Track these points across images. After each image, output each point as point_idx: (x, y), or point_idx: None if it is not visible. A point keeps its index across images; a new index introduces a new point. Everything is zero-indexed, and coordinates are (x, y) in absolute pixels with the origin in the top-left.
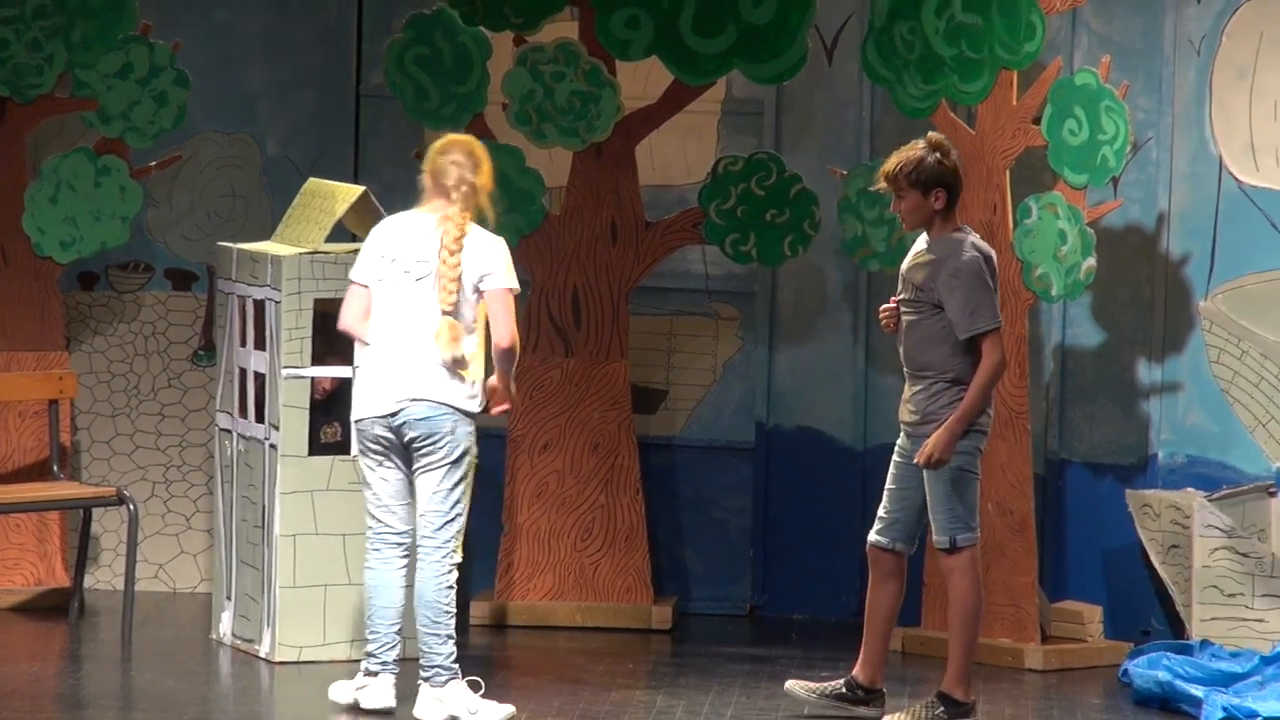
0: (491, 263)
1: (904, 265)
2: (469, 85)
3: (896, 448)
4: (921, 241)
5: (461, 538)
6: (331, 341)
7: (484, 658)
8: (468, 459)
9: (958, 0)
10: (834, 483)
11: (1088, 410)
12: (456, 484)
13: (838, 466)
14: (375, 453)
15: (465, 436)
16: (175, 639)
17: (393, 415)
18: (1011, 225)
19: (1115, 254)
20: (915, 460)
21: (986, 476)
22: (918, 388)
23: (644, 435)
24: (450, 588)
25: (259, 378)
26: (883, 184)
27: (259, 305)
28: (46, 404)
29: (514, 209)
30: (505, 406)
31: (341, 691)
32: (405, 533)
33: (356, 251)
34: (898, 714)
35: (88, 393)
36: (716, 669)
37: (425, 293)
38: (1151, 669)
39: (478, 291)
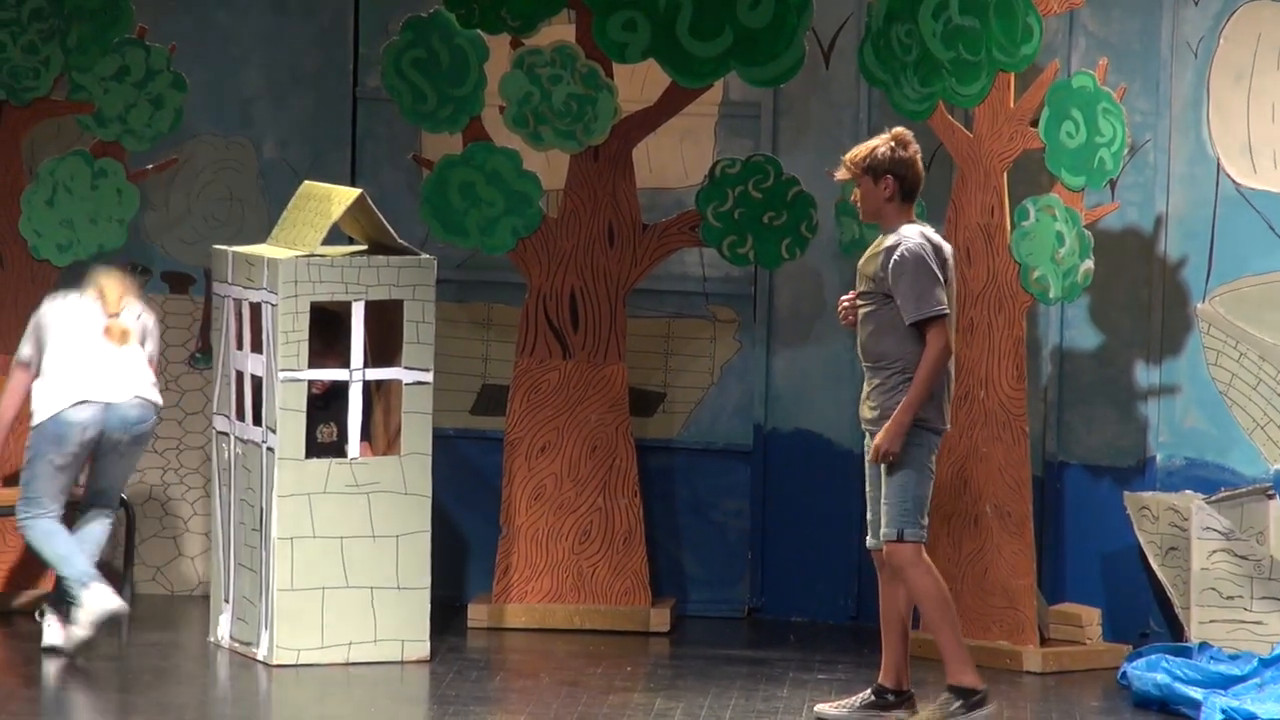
0: None
1: (861, 260)
2: (466, 88)
3: (866, 446)
4: (879, 235)
5: None
6: (329, 342)
7: (482, 660)
8: None
9: (955, 3)
10: (832, 485)
11: (1086, 412)
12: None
13: (835, 469)
14: None
15: None
16: (173, 642)
17: None
18: (1009, 227)
19: (1113, 256)
20: (868, 458)
21: (984, 478)
22: (876, 381)
23: (642, 438)
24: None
25: (256, 380)
26: (843, 171)
27: (255, 308)
28: None
29: (511, 211)
30: None
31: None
32: None
33: (354, 254)
34: (916, 716)
35: None
36: (714, 671)
37: None
38: (1150, 671)
39: None
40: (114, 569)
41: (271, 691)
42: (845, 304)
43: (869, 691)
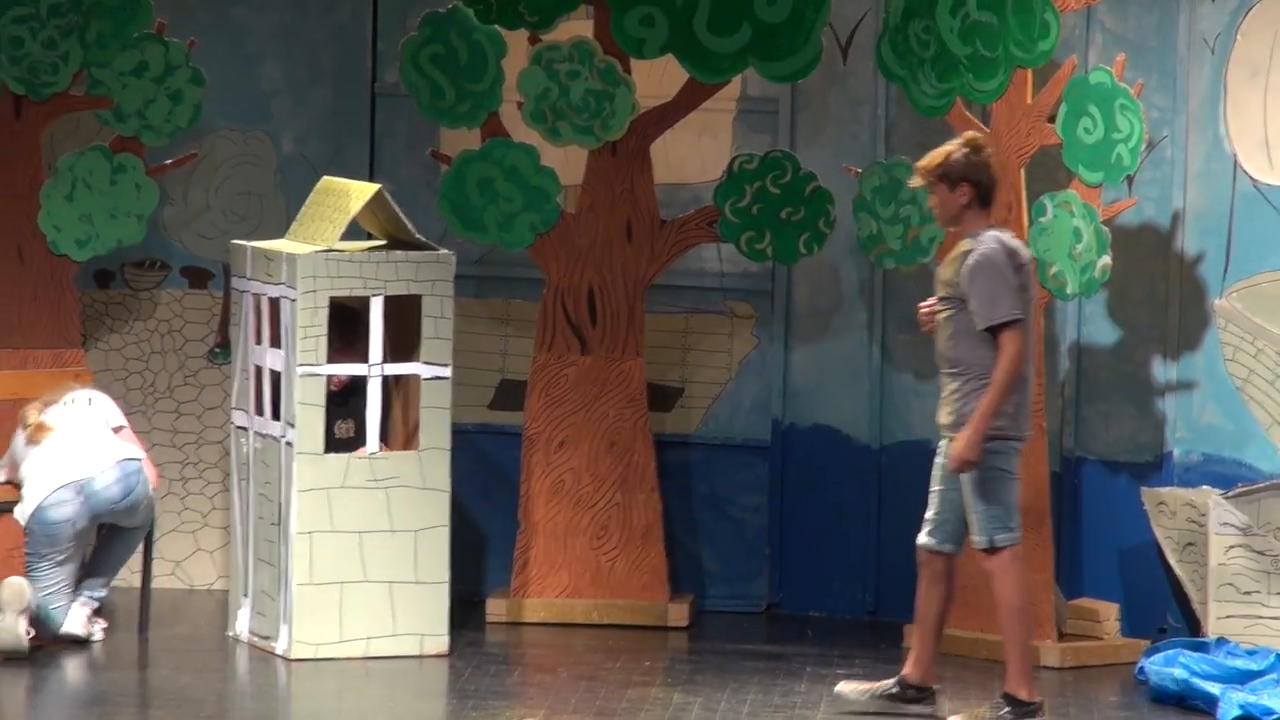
0: None
1: (939, 265)
2: (484, 83)
3: (939, 448)
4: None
5: None
6: (350, 340)
7: (500, 655)
8: None
9: None
10: (850, 480)
11: (1103, 408)
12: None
13: (853, 464)
14: None
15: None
16: (192, 636)
17: None
18: (1027, 223)
19: (1130, 252)
20: (947, 468)
21: None
22: (953, 386)
23: (660, 433)
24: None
25: (275, 375)
26: (918, 179)
27: (274, 303)
28: None
29: (529, 207)
30: None
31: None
32: None
33: (373, 250)
34: (961, 714)
35: (104, 390)
36: (733, 666)
37: None
38: (1168, 666)
39: None
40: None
41: (290, 686)
42: (924, 310)
43: (892, 682)
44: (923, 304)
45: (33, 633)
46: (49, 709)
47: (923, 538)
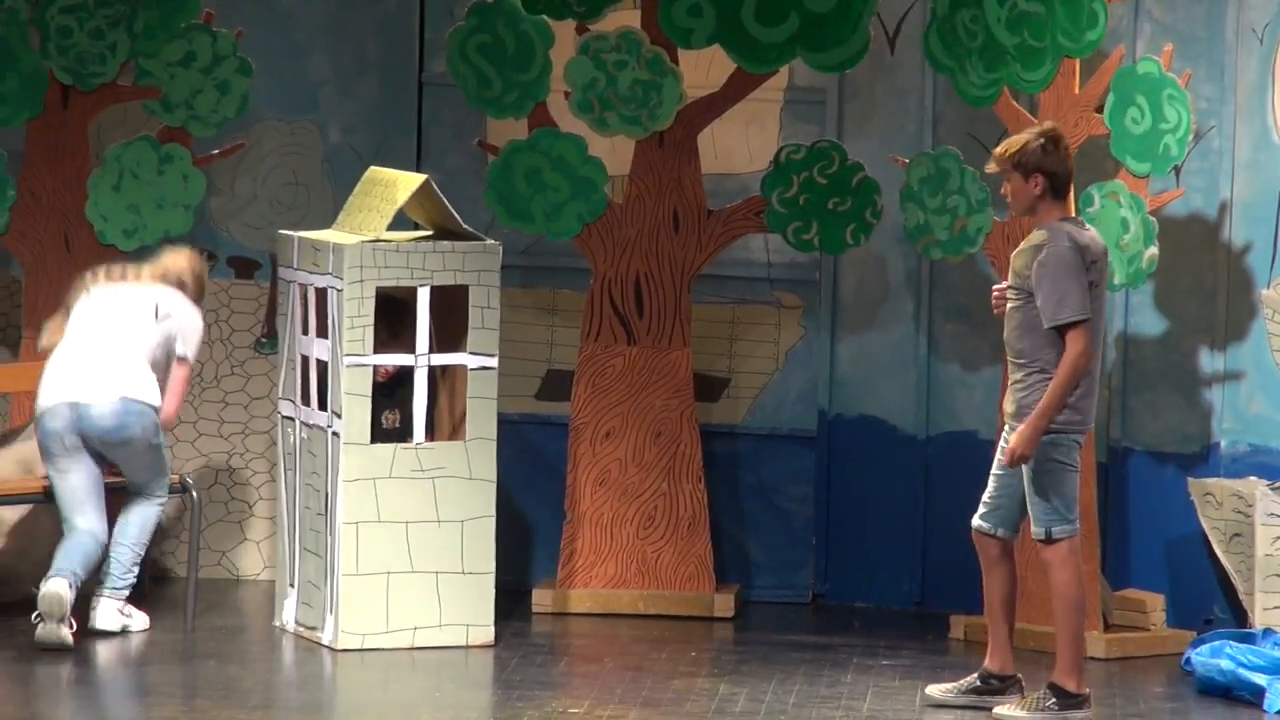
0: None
1: (1014, 251)
2: (531, 73)
3: (1004, 434)
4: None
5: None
6: (396, 332)
7: (546, 645)
8: None
9: None
10: (896, 471)
11: (1150, 399)
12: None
13: (900, 455)
14: None
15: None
16: (238, 626)
17: None
18: (1074, 214)
19: (1177, 242)
20: (1002, 460)
21: None
22: (1017, 377)
23: (706, 423)
24: (154, 522)
25: (321, 365)
26: (993, 165)
27: (321, 293)
28: None
29: (576, 197)
30: None
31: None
32: None
33: (419, 240)
34: (1009, 705)
35: None
36: (779, 657)
37: None
38: (1214, 658)
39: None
40: (160, 564)
41: (336, 676)
42: (996, 293)
43: (975, 676)
44: (996, 287)
45: (74, 626)
46: (95, 701)
47: (977, 520)
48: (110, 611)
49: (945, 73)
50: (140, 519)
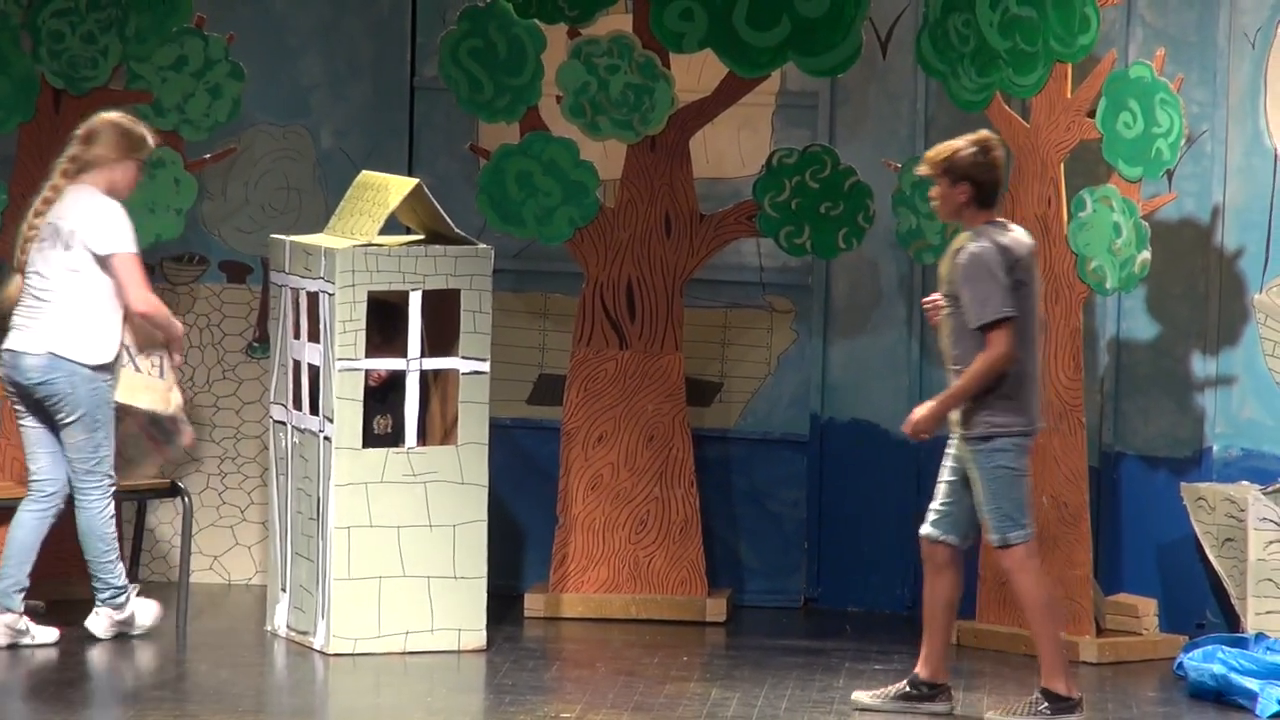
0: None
1: (940, 262)
2: (523, 78)
3: (950, 442)
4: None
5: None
6: (389, 337)
7: (538, 650)
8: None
9: None
10: (888, 475)
11: (1142, 403)
12: (92, 433)
13: (892, 459)
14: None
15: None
16: (230, 631)
17: None
18: (1066, 218)
19: (1169, 247)
20: (903, 427)
21: (1041, 469)
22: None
23: (698, 428)
24: (111, 517)
25: (313, 370)
26: (924, 168)
27: (313, 297)
28: None
29: (568, 201)
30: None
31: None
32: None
33: (411, 244)
34: (1000, 710)
35: None
36: (771, 661)
37: None
38: (1206, 662)
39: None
40: (169, 560)
41: (328, 680)
42: (928, 304)
43: (904, 683)
44: (926, 298)
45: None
46: (87, 703)
47: (925, 527)
48: (103, 621)
49: (937, 77)
50: (91, 529)
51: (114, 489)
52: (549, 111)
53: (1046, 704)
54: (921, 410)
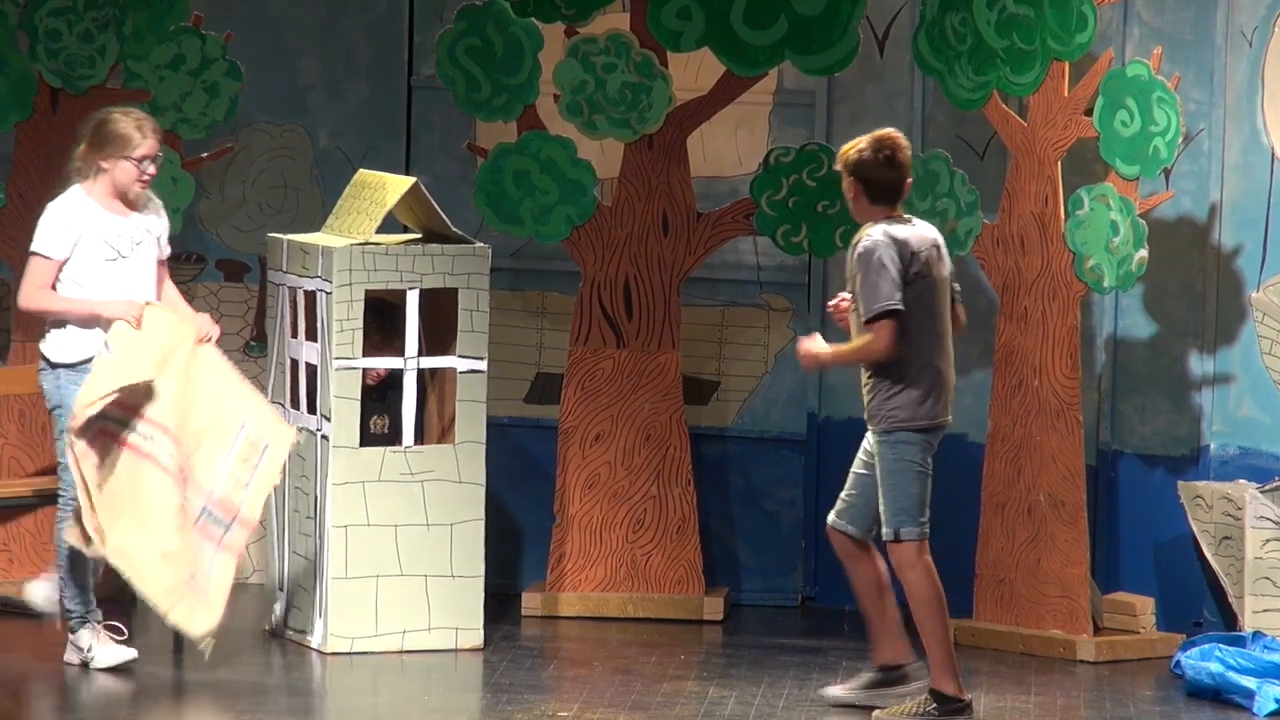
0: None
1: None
2: (520, 76)
3: (867, 436)
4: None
5: (72, 487)
6: (389, 336)
7: (535, 648)
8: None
9: None
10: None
11: (1139, 402)
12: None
13: None
14: None
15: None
16: (227, 629)
17: None
18: (1063, 216)
19: (1167, 245)
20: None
21: (1038, 467)
22: (866, 381)
23: (695, 426)
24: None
25: (310, 369)
26: (837, 164)
27: (310, 296)
28: None
29: (565, 200)
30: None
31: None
32: None
33: (409, 243)
34: (889, 709)
35: None
36: (768, 660)
37: None
38: (1204, 661)
39: None
40: None
41: (325, 679)
42: (831, 306)
43: (868, 672)
44: (830, 301)
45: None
46: (85, 702)
47: (831, 516)
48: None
49: (934, 76)
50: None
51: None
52: (546, 110)
53: (935, 705)
54: (816, 346)
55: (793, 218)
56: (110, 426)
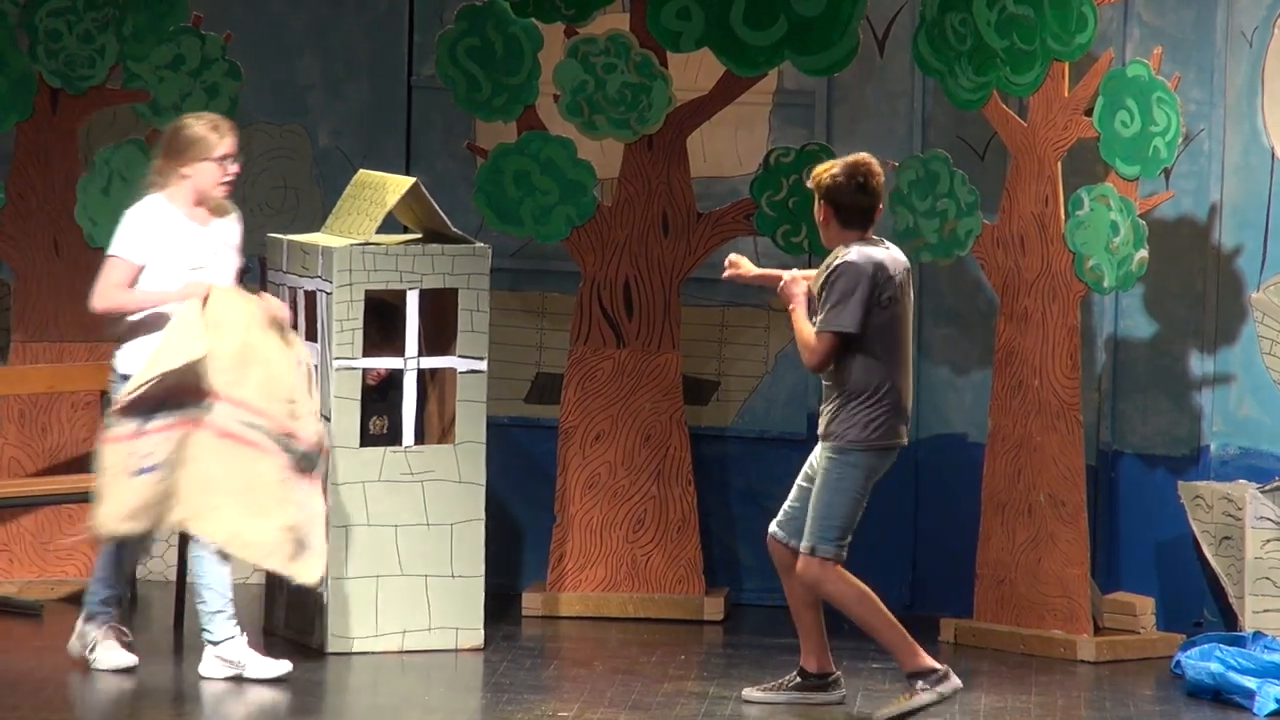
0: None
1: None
2: (520, 76)
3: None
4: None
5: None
6: (389, 336)
7: (536, 648)
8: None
9: None
10: (886, 475)
11: (1140, 402)
12: None
13: None
14: None
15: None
16: None
17: None
18: (1063, 217)
19: (1167, 246)
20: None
21: (1038, 467)
22: (828, 397)
23: (696, 426)
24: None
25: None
26: (810, 182)
27: (310, 296)
28: (99, 395)
29: (565, 200)
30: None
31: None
32: None
33: (409, 243)
34: (886, 708)
35: None
36: (769, 660)
37: None
38: (1204, 660)
39: None
40: (166, 559)
41: (325, 679)
42: (728, 267)
43: (795, 674)
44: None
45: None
46: (85, 701)
47: (773, 526)
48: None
49: (934, 76)
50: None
51: None
52: (546, 110)
53: (921, 682)
54: (746, 264)
55: (792, 218)
56: (194, 414)
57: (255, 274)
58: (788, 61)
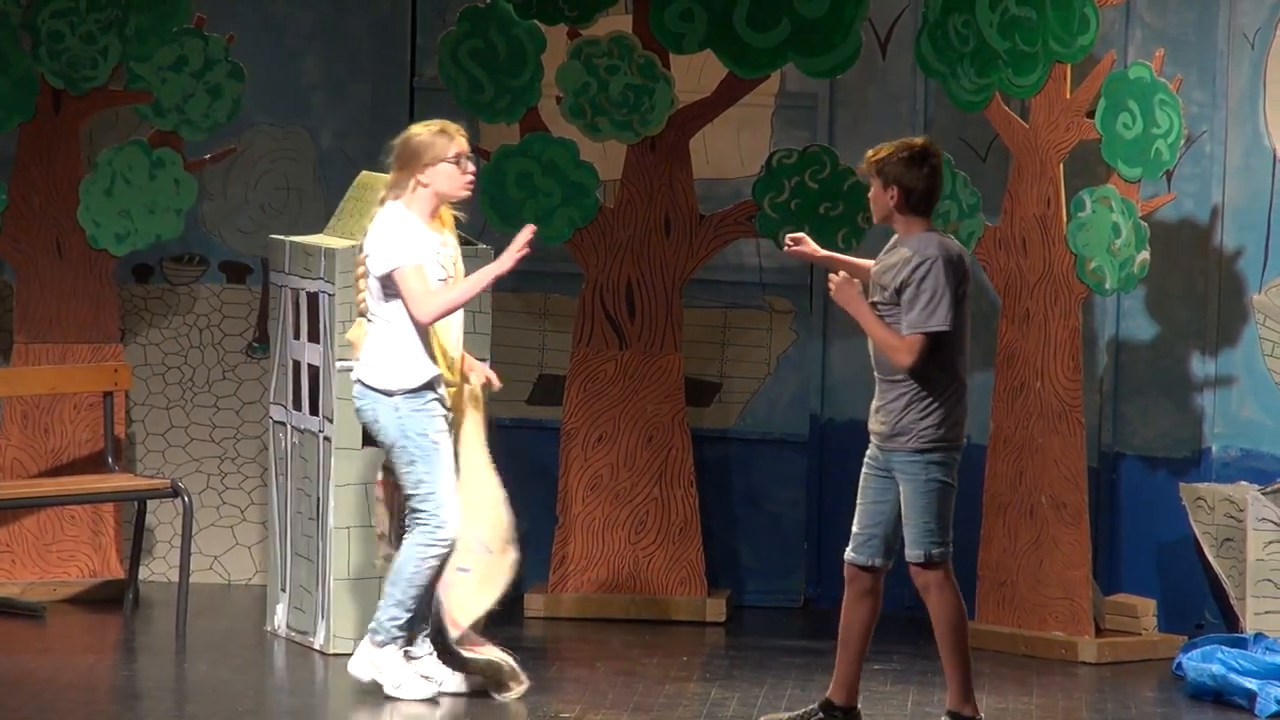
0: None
1: (874, 268)
2: (523, 78)
3: (866, 459)
4: (891, 242)
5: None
6: None
7: (537, 650)
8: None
9: None
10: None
11: (1141, 403)
12: (409, 464)
13: None
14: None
15: (389, 423)
16: (230, 631)
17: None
18: (1065, 219)
19: (1169, 247)
20: (830, 289)
21: (1040, 469)
22: (889, 396)
23: (698, 428)
24: (424, 560)
25: (313, 370)
26: (863, 167)
27: (312, 298)
28: (101, 396)
29: (568, 202)
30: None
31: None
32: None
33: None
34: None
35: (142, 385)
36: (771, 662)
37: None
38: (1205, 662)
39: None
40: (169, 560)
41: (327, 680)
42: (791, 239)
43: (815, 706)
44: (795, 235)
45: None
46: (87, 702)
47: (849, 553)
48: (362, 657)
49: (936, 78)
50: (404, 555)
51: (444, 546)
52: (549, 112)
53: None
54: (819, 250)
55: (795, 219)
56: None
57: (258, 275)
58: (790, 63)
